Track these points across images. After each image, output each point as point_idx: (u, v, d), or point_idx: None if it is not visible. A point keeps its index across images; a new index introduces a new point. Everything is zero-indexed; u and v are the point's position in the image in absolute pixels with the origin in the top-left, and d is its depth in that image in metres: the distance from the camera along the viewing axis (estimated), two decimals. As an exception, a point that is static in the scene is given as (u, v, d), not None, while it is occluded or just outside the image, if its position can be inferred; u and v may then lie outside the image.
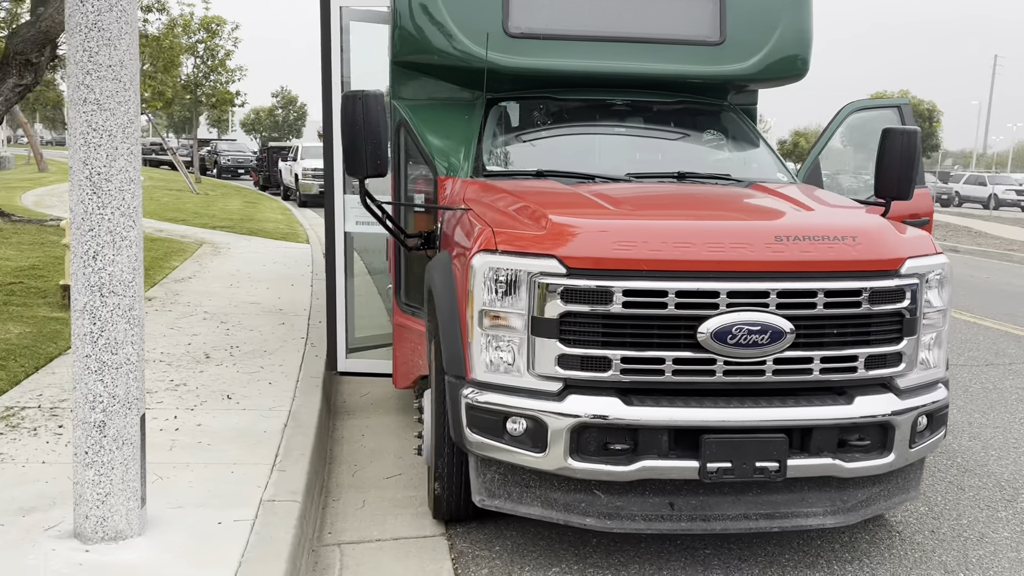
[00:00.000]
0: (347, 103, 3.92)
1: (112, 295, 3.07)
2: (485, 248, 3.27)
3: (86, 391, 3.10)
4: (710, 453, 3.10)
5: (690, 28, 4.88)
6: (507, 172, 4.44)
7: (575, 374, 3.16)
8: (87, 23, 2.91)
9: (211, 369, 5.79)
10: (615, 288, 3.09)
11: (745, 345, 3.10)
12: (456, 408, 3.37)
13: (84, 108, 2.96)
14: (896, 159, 4.38)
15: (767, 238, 3.19)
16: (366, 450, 4.92)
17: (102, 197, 3.01)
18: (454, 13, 4.73)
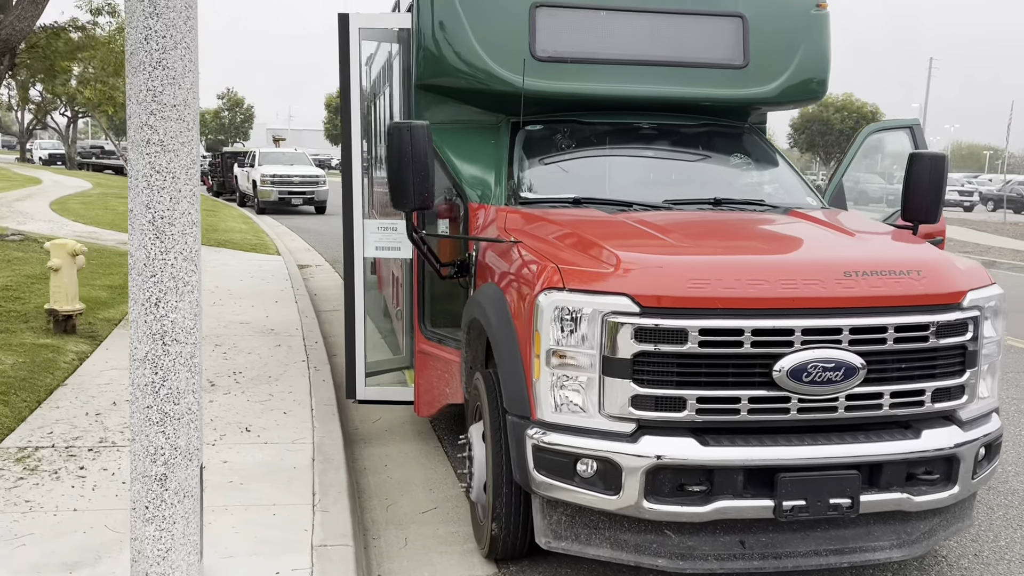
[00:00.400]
0: (396, 134, 3.84)
1: (175, 343, 2.94)
2: (552, 286, 3.22)
3: (147, 443, 2.97)
4: (785, 491, 3.10)
5: (715, 52, 4.90)
6: (543, 200, 4.39)
7: (648, 414, 3.13)
8: (151, 61, 2.78)
9: (220, 398, 5.62)
10: (691, 327, 3.06)
11: (820, 382, 3.10)
12: (521, 449, 3.31)
13: (147, 150, 2.82)
14: (924, 183, 4.45)
15: (836, 274, 3.20)
16: (393, 481, 4.82)
17: (165, 242, 2.88)
18: (481, 37, 4.67)
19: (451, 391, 4.82)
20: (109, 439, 4.71)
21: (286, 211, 25.94)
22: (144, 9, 2.76)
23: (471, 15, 4.67)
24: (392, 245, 5.17)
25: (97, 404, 5.33)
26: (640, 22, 4.84)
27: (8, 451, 4.44)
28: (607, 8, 4.79)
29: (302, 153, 28.89)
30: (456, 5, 4.68)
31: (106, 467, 4.31)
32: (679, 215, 4.13)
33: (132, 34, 2.79)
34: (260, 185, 25.56)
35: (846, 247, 3.52)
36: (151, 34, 2.77)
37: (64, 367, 6.07)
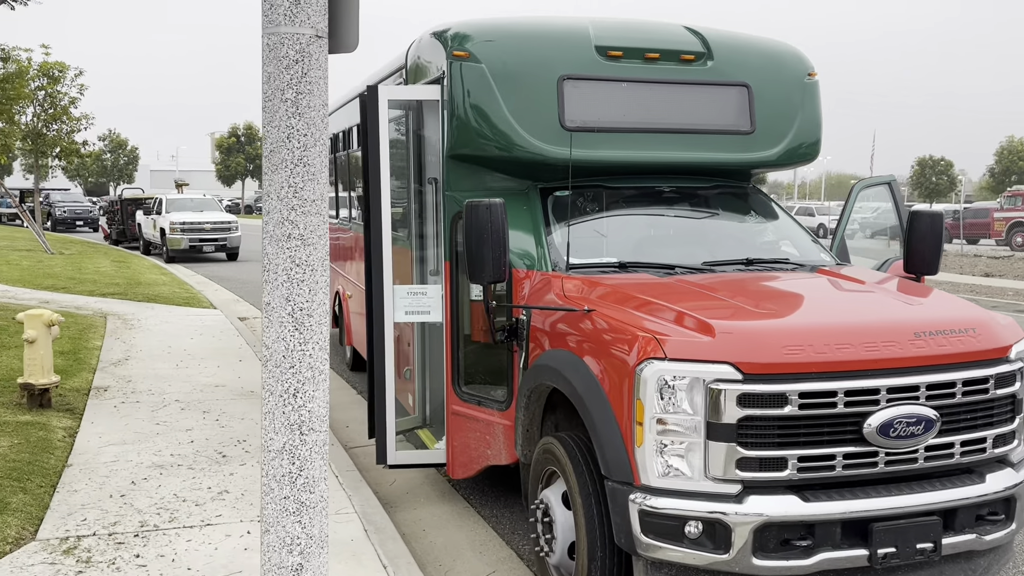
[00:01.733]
0: (476, 211, 3.97)
1: (311, 432, 2.96)
2: (653, 356, 3.40)
3: (283, 534, 2.96)
4: (879, 540, 3.35)
5: (725, 119, 5.24)
6: (590, 265, 4.57)
7: (753, 475, 3.34)
8: (293, 159, 2.84)
9: (238, 470, 5.51)
10: (790, 391, 3.30)
11: (904, 436, 3.39)
12: (624, 513, 3.45)
13: (288, 244, 2.86)
14: (925, 238, 4.89)
15: (908, 335, 3.51)
16: (439, 546, 4.85)
17: (304, 333, 2.91)
18: (513, 108, 4.85)
19: (493, 453, 4.91)
20: (149, 522, 4.57)
21: (197, 259, 25.20)
22: (287, 109, 2.83)
23: (503, 87, 4.85)
24: (422, 309, 5.24)
25: (115, 485, 5.14)
26: (658, 93, 5.13)
27: (50, 543, 4.25)
28: (628, 80, 5.06)
29: (211, 199, 28.20)
30: (488, 78, 4.85)
31: (162, 553, 4.19)
32: (726, 278, 4.39)
33: (273, 132, 2.84)
34: (169, 233, 24.76)
35: (906, 308, 3.85)
36: (293, 133, 2.83)
37: (60, 446, 5.81)
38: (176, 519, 4.63)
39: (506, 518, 5.24)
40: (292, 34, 2.82)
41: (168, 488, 5.11)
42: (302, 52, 2.83)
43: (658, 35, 5.25)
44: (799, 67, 5.49)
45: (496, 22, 5.12)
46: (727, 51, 5.29)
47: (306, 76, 2.84)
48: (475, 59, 4.87)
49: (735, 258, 4.75)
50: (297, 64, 2.83)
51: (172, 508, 4.78)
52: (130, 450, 5.84)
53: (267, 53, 2.85)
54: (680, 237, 5.05)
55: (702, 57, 5.24)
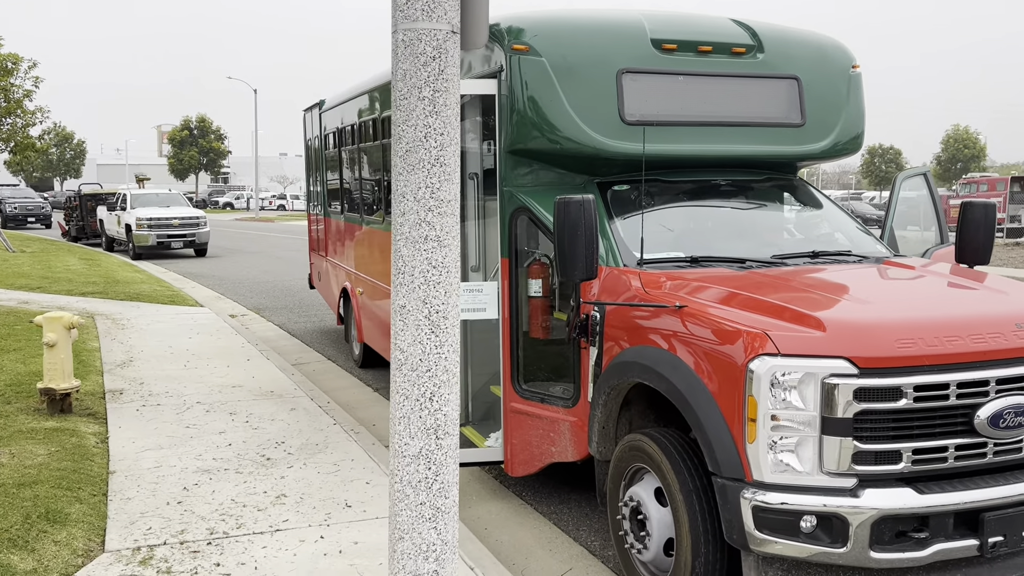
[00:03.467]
0: (569, 208, 3.92)
1: (447, 436, 2.90)
2: (764, 352, 3.39)
3: (419, 541, 2.90)
4: (990, 529, 3.40)
5: (777, 113, 5.26)
6: (662, 260, 4.55)
7: (868, 469, 3.36)
8: (430, 159, 2.76)
9: (288, 472, 5.40)
10: (905, 384, 3.33)
11: (1012, 427, 3.44)
12: (735, 510, 3.45)
13: (425, 246, 2.79)
14: (977, 229, 4.97)
15: (1010, 326, 3.56)
16: (507, 546, 4.81)
17: (440, 336, 2.84)
18: (574, 102, 4.81)
19: (558, 450, 4.88)
20: (217, 529, 4.45)
21: (164, 255, 24.67)
22: (424, 108, 2.75)
23: (563, 81, 4.81)
24: (478, 307, 5.17)
25: (168, 491, 5.00)
26: (712, 85, 5.13)
27: (123, 555, 4.11)
28: (684, 73, 5.05)
29: (177, 194, 27.58)
30: (549, 71, 4.80)
31: (243, 561, 4.08)
32: (803, 271, 4.41)
33: (409, 132, 2.76)
34: (136, 229, 24.17)
35: (1005, 300, 3.90)
36: (431, 132, 2.76)
37: (97, 452, 5.63)
38: (243, 525, 4.51)
39: (567, 515, 5.21)
40: (429, 30, 2.74)
41: (223, 493, 4.98)
42: (439, 48, 2.75)
43: (709, 28, 5.24)
44: (844, 60, 5.53)
45: (550, 15, 5.06)
46: (776, 44, 5.31)
47: (443, 73, 2.76)
48: (535, 52, 4.81)
49: (801, 251, 4.77)
50: (434, 61, 2.75)
51: (235, 514, 4.67)
52: (170, 455, 5.68)
53: (402, 49, 2.77)
54: (742, 230, 5.06)
55: (752, 50, 5.25)
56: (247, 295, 15.90)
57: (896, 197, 5.68)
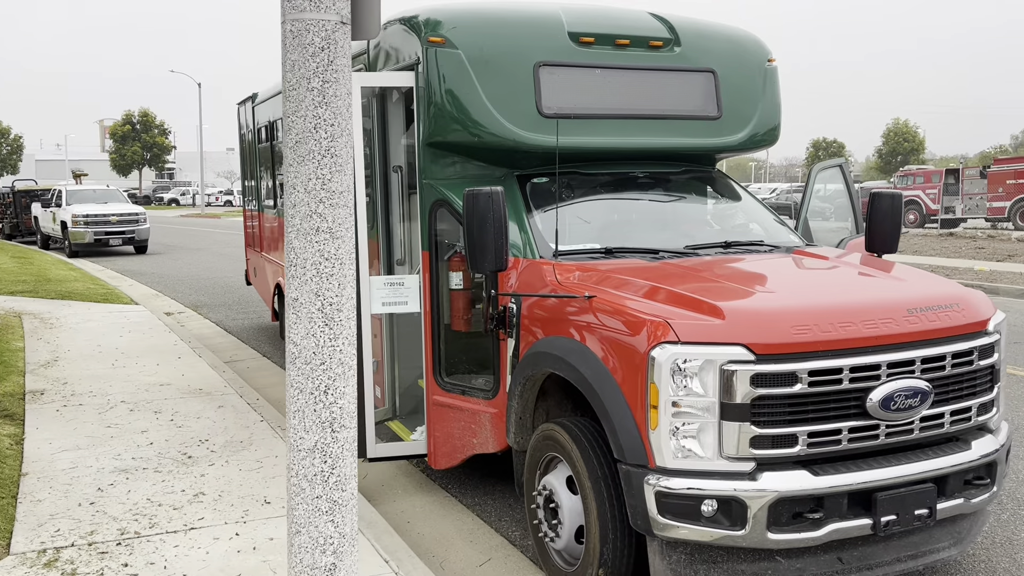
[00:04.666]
0: (478, 200, 3.93)
1: (343, 429, 2.89)
2: (666, 340, 3.45)
3: (315, 534, 2.89)
4: (882, 509, 3.51)
5: (693, 106, 5.33)
6: (577, 251, 4.59)
7: (766, 453, 3.44)
8: (320, 150, 2.75)
9: (209, 470, 5.33)
10: (800, 369, 3.41)
11: (902, 409, 3.55)
12: (639, 495, 3.50)
13: (317, 238, 2.78)
14: (885, 219, 5.10)
15: (902, 312, 3.67)
16: (428, 538, 4.81)
17: (334, 328, 2.83)
18: (491, 95, 4.82)
19: (479, 441, 4.89)
20: (129, 530, 4.37)
21: (103, 253, 24.13)
22: (314, 99, 2.74)
23: (480, 73, 4.81)
24: (399, 300, 5.16)
25: (81, 492, 4.90)
26: (629, 79, 5.18)
27: (27, 557, 4.02)
28: (601, 66, 5.09)
29: (115, 190, 26.97)
30: (465, 64, 4.80)
31: (151, 561, 4.02)
32: (713, 261, 4.48)
33: (299, 123, 2.75)
34: (72, 226, 23.60)
35: (897, 287, 4.01)
36: (320, 123, 2.75)
37: (10, 454, 5.49)
38: (157, 524, 4.45)
39: (490, 506, 5.24)
40: (317, 20, 2.73)
41: (139, 493, 4.90)
42: (327, 39, 2.74)
43: (627, 21, 5.29)
44: (760, 53, 5.63)
45: (468, 8, 5.06)
46: (693, 37, 5.38)
47: (332, 64, 2.75)
48: (451, 45, 4.81)
49: (714, 241, 4.85)
50: (323, 52, 2.73)
51: (149, 514, 4.59)
52: (87, 455, 5.57)
53: (290, 40, 2.75)
54: (658, 222, 5.13)
55: (669, 43, 5.31)
56: (186, 292, 15.63)
57: (811, 188, 5.81)
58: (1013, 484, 5.41)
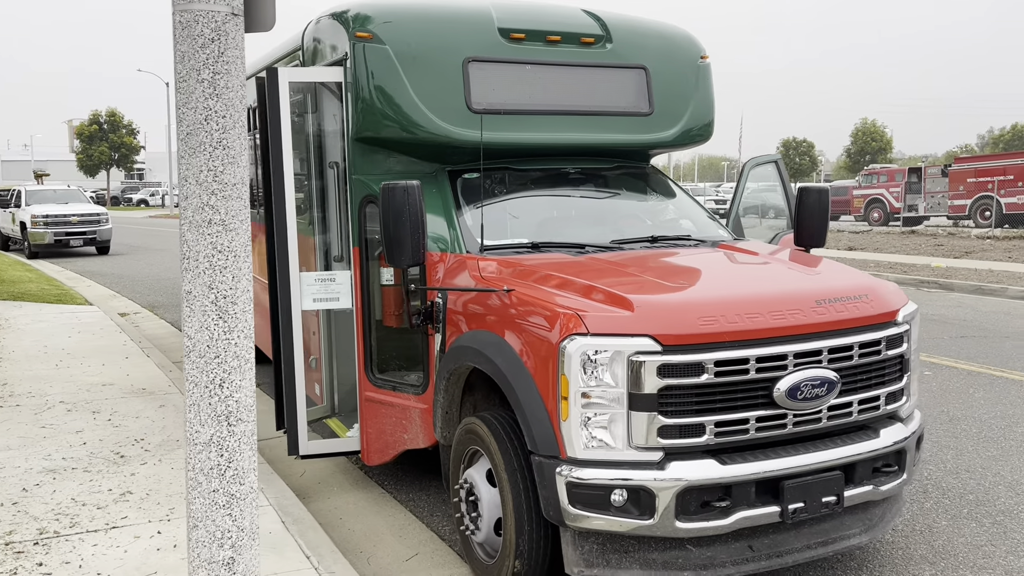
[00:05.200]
0: (394, 194, 3.93)
1: (239, 423, 2.88)
2: (576, 332, 3.47)
3: (212, 528, 2.88)
4: (790, 496, 3.56)
5: (625, 102, 5.37)
6: (504, 246, 4.61)
7: (673, 442, 3.47)
8: (212, 142, 2.74)
9: (140, 470, 5.29)
10: (706, 360, 3.45)
11: (809, 398, 3.60)
12: (551, 486, 3.52)
13: (209, 230, 2.77)
14: (813, 213, 5.17)
15: (810, 303, 3.72)
16: (358, 534, 4.81)
17: (228, 321, 2.82)
18: (419, 90, 4.82)
19: (410, 437, 4.89)
20: (48, 529, 4.33)
21: (64, 254, 23.84)
22: (204, 90, 2.72)
23: (408, 69, 4.81)
24: (331, 296, 5.15)
25: (5, 492, 4.84)
26: (560, 75, 5.20)
27: (-60, 558, 3.97)
28: (531, 62, 5.11)
29: (76, 190, 26.63)
30: (393, 60, 4.80)
31: (67, 560, 3.98)
32: (635, 255, 4.52)
33: (190, 115, 2.73)
34: (31, 227, 23.31)
35: (807, 279, 4.07)
36: (212, 115, 2.74)
37: (-64, 455, 5.41)
38: (78, 524, 4.41)
39: (423, 501, 5.24)
40: (207, 11, 2.71)
41: (64, 493, 4.85)
42: (217, 31, 2.73)
43: (558, 18, 5.32)
44: (693, 50, 5.68)
45: (396, 3, 5.06)
46: (625, 34, 5.42)
47: (223, 56, 2.74)
48: (379, 40, 4.81)
49: (641, 236, 4.89)
50: (213, 43, 2.72)
51: (72, 513, 4.55)
52: (16, 456, 5.50)
53: (180, 31, 2.74)
54: (588, 217, 5.16)
55: (601, 40, 5.34)
56: (144, 293, 15.49)
57: (743, 185, 5.87)
58: (940, 474, 5.51)
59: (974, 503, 5.02)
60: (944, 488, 5.27)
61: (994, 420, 6.67)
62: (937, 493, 5.19)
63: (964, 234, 27.81)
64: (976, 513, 4.87)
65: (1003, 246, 23.07)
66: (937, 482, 5.37)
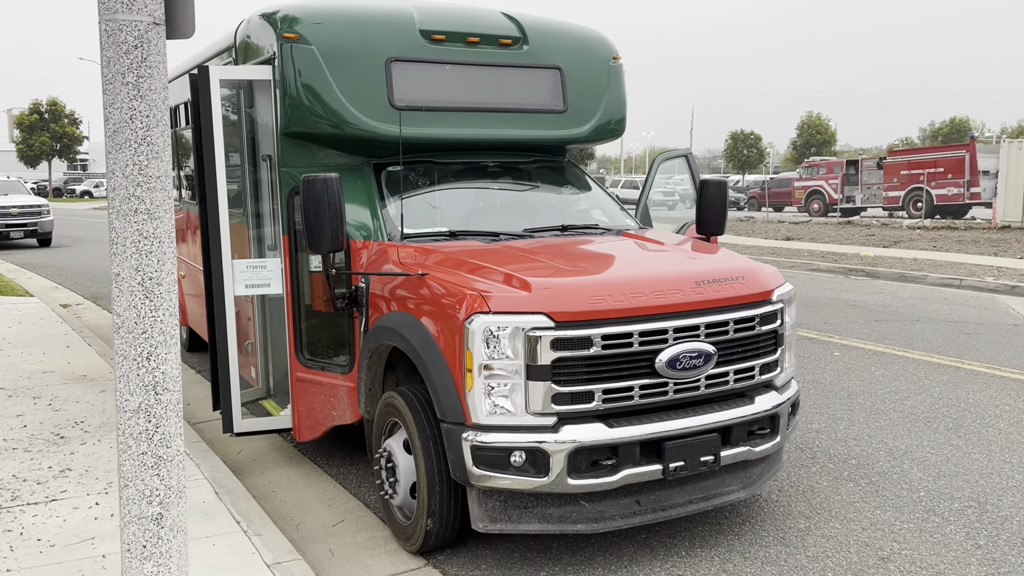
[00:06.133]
0: (314, 186, 4.25)
1: (166, 392, 3.20)
2: (479, 311, 3.85)
3: (142, 487, 3.19)
4: (670, 456, 3.99)
5: (541, 100, 5.75)
6: (423, 234, 4.97)
7: (566, 408, 3.87)
8: (136, 139, 3.04)
9: (79, 449, 5.54)
10: (594, 334, 3.85)
11: (688, 368, 4.03)
12: (458, 450, 3.91)
13: (135, 218, 3.07)
14: (713, 203, 5.62)
15: (691, 283, 4.15)
16: (289, 504, 5.14)
17: (154, 301, 3.14)
18: (344, 88, 5.14)
19: (337, 414, 5.23)
20: (-9, 503, 4.58)
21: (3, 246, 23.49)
22: (129, 92, 3.02)
23: (333, 68, 5.13)
24: (262, 282, 5.45)
25: (-52, 471, 5.07)
26: (479, 74, 5.56)
27: None
28: (451, 62, 5.47)
29: (16, 181, 26.22)
30: (319, 59, 5.11)
31: (8, 528, 4.25)
32: (544, 242, 4.91)
33: (115, 114, 3.03)
34: (-28, 219, 22.92)
35: (690, 262, 4.50)
36: (136, 114, 3.03)
37: None
38: (19, 497, 4.66)
39: (352, 474, 5.59)
40: (130, 21, 3.01)
41: (6, 471, 5.09)
42: (140, 38, 3.03)
43: (478, 20, 5.67)
44: (605, 51, 6.08)
45: (324, 5, 5.37)
46: (541, 36, 5.80)
47: (146, 61, 3.04)
48: (305, 41, 5.11)
49: (552, 225, 5.29)
50: (136, 49, 3.02)
51: (13, 488, 4.80)
52: (-41, 438, 5.71)
53: (105, 39, 3.03)
54: (504, 207, 5.54)
55: (518, 41, 5.71)
56: (87, 284, 15.48)
57: (652, 177, 6.30)
58: (829, 442, 6.02)
59: (855, 466, 5.53)
60: (831, 454, 5.78)
61: (888, 395, 7.23)
62: (824, 459, 5.70)
63: (897, 224, 28.90)
64: (855, 475, 5.38)
65: (930, 236, 24.08)
66: (826, 449, 5.87)
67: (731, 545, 4.40)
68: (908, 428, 6.31)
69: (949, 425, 6.37)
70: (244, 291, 5.47)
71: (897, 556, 4.27)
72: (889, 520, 4.70)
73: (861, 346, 9.24)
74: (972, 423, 6.41)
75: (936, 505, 4.90)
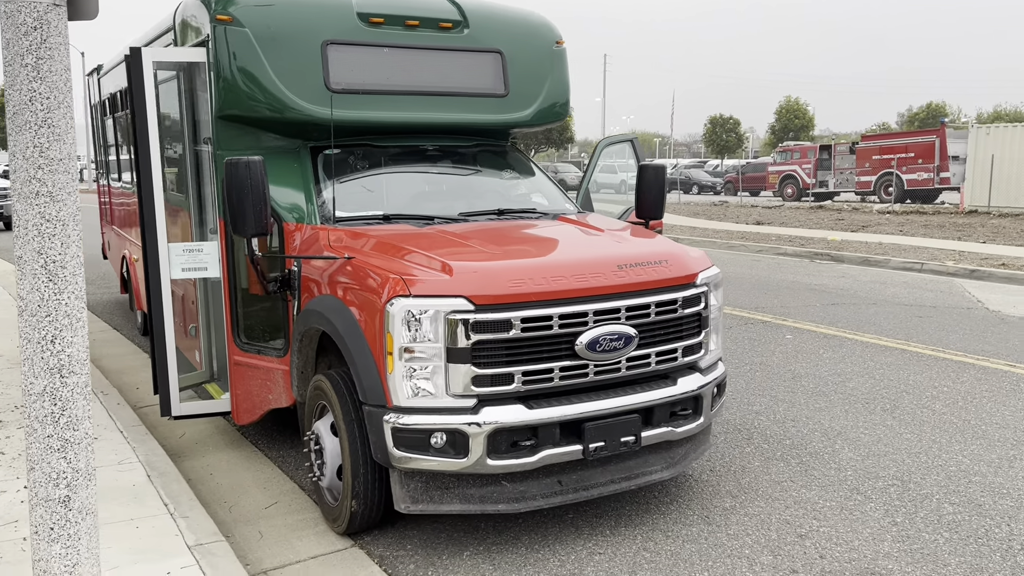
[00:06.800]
0: (235, 168, 4.24)
1: (72, 375, 3.20)
2: (399, 294, 3.87)
3: (48, 470, 3.20)
4: (590, 436, 4.04)
5: (481, 84, 5.76)
6: (356, 218, 4.97)
7: (486, 390, 3.91)
8: (37, 121, 3.03)
9: (16, 433, 5.53)
10: (514, 317, 3.89)
11: (608, 351, 4.07)
12: (380, 432, 3.94)
13: (37, 201, 3.06)
14: (650, 188, 5.66)
15: (612, 267, 4.19)
16: (225, 487, 5.15)
17: (58, 283, 3.13)
18: (279, 71, 5.12)
19: (274, 397, 5.25)
20: (-82, 487, 4.57)
21: (-31, 229, 23.24)
22: (28, 74, 3.01)
23: (268, 51, 5.11)
24: (199, 266, 5.44)
25: None
26: (418, 58, 5.56)
27: None
28: (389, 45, 5.46)
29: (-18, 164, 25.84)
30: (253, 42, 5.08)
31: (-67, 513, 4.24)
32: (477, 226, 4.93)
33: (16, 96, 3.02)
34: (-66, 203, 22.60)
35: (614, 246, 4.54)
36: (36, 96, 3.02)
37: None
38: (-52, 482, 4.65)
39: (291, 458, 5.61)
40: (29, 2, 2.99)
41: (-62, 455, 5.08)
42: (40, 19, 3.01)
43: (418, 4, 5.66)
44: (548, 35, 6.09)
45: None
46: (482, 20, 5.79)
47: (46, 42, 3.02)
48: (239, 23, 5.08)
49: (488, 209, 5.31)
50: (35, 31, 3.00)
51: (-57, 472, 4.79)
52: None
53: (4, 20, 3.01)
54: (441, 191, 5.55)
55: (459, 25, 5.71)
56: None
57: (595, 162, 6.32)
58: (767, 423, 6.10)
59: (788, 447, 5.62)
60: (767, 435, 5.86)
61: (832, 377, 7.33)
62: (760, 439, 5.78)
63: (867, 209, 29.12)
64: (787, 455, 5.47)
65: (898, 220, 24.31)
66: (763, 430, 5.96)
67: (655, 524, 4.47)
68: (846, 409, 6.41)
69: (886, 406, 6.47)
70: (180, 274, 5.45)
71: (815, 533, 4.36)
72: (813, 498, 4.79)
73: (814, 329, 9.34)
74: (908, 404, 6.53)
75: (860, 484, 4.99)
